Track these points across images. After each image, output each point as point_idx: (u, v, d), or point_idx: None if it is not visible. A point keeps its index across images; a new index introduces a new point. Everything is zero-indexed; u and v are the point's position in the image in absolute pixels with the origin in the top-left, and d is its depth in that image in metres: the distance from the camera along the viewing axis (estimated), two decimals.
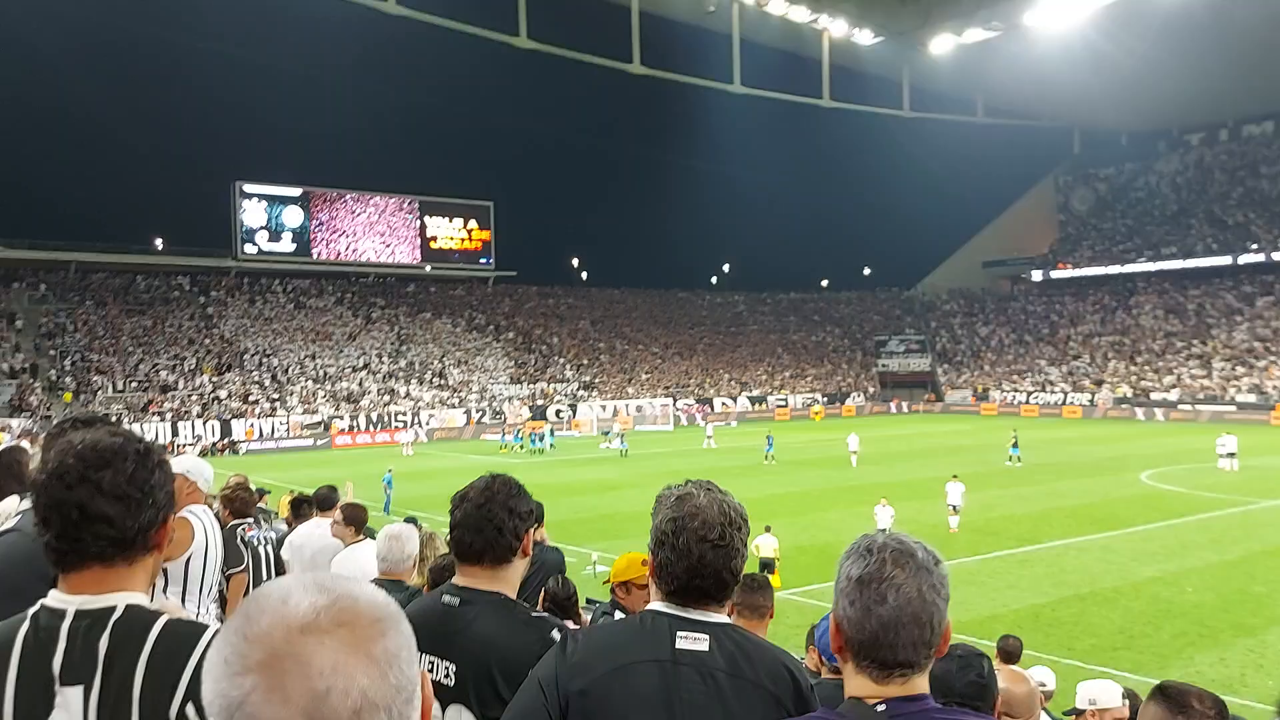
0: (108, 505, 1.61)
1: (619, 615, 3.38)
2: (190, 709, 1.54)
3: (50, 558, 1.65)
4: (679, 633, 1.95)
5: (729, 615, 4.09)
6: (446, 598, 2.43)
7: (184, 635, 1.61)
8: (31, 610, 1.63)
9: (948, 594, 1.61)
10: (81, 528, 1.60)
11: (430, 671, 2.38)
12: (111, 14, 74.09)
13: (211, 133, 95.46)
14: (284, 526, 9.77)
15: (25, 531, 2.75)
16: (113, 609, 1.61)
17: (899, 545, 1.62)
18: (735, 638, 2.00)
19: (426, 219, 70.78)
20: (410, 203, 70.29)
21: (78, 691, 1.54)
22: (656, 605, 2.03)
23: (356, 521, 6.35)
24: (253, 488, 8.02)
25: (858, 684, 1.60)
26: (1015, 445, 33.98)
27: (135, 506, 1.64)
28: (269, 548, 6.64)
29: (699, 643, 1.94)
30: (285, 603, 0.79)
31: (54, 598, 1.63)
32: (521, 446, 43.31)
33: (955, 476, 22.17)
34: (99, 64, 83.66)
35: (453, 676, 2.32)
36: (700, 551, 1.96)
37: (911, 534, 1.70)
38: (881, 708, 1.55)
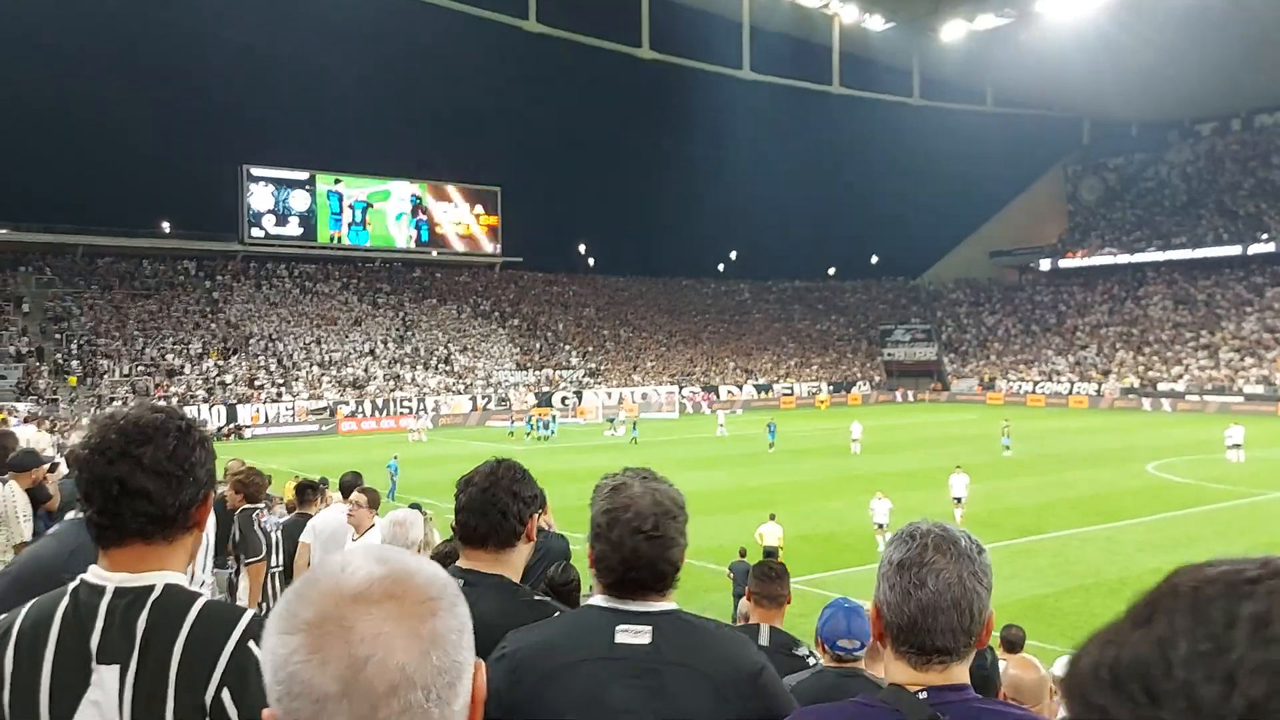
0: (148, 481, 1.61)
1: None
2: (225, 694, 1.54)
3: (92, 533, 1.66)
4: (618, 626, 1.91)
5: (747, 603, 4.10)
6: None
7: (222, 619, 1.61)
8: (71, 585, 1.63)
9: (990, 584, 1.60)
10: (121, 503, 1.61)
11: None
12: None
13: (218, 116, 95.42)
14: (285, 512, 9.83)
15: (60, 536, 2.80)
16: (152, 588, 1.61)
17: (942, 532, 1.62)
18: (681, 626, 1.95)
19: (433, 204, 70.81)
20: (417, 188, 70.30)
21: (114, 671, 1.55)
22: (596, 599, 2.00)
23: (376, 504, 6.70)
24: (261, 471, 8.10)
25: (897, 670, 1.60)
26: (1006, 435, 33.90)
27: (176, 483, 1.64)
28: (278, 533, 6.74)
29: (640, 635, 1.90)
30: (344, 570, 0.81)
31: (94, 574, 1.63)
32: (529, 434, 43.30)
33: (959, 467, 22.12)
34: (105, 47, 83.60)
35: None
36: (634, 544, 1.92)
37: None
38: (923, 695, 1.54)
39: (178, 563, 1.68)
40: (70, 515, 3.09)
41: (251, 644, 1.57)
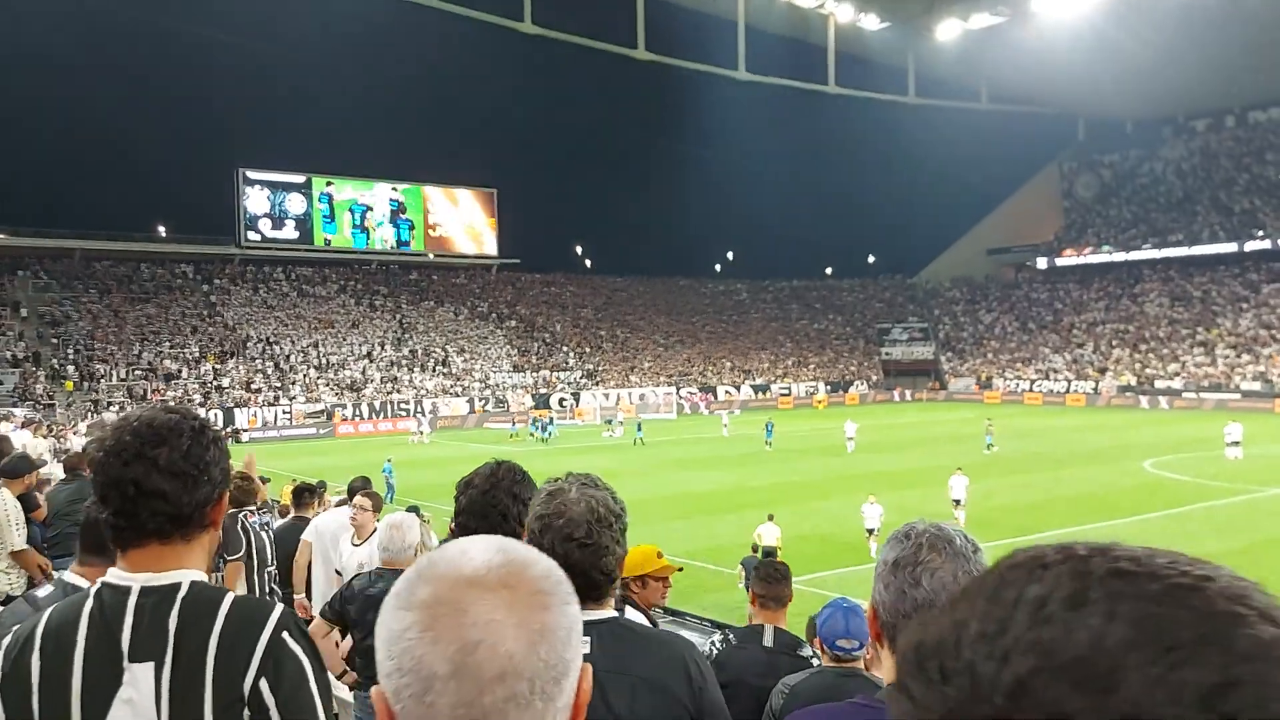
0: (164, 482, 1.64)
1: (629, 610, 3.35)
2: (263, 683, 1.58)
3: (109, 535, 1.69)
4: None
5: (752, 607, 4.07)
6: None
7: (254, 612, 1.65)
8: (93, 588, 1.66)
9: None
10: (138, 504, 1.63)
11: None
12: (113, 1, 73.97)
13: (215, 119, 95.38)
14: (278, 515, 9.82)
15: (39, 603, 2.82)
16: (178, 586, 1.64)
17: (937, 531, 1.63)
18: (621, 633, 1.96)
19: (430, 206, 70.75)
20: (413, 190, 70.24)
21: (148, 668, 1.57)
22: None
23: (379, 508, 6.72)
24: (256, 476, 8.10)
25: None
26: (990, 434, 33.74)
27: (191, 483, 1.66)
28: (266, 532, 6.73)
29: (583, 646, 1.90)
30: (464, 553, 0.82)
31: (115, 575, 1.66)
32: (532, 435, 43.06)
33: (959, 469, 21.84)
34: (102, 53, 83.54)
35: None
36: (565, 551, 1.92)
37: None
38: None
39: (198, 561, 1.70)
40: (59, 576, 3.09)
41: (285, 635, 1.62)
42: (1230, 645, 0.45)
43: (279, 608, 1.68)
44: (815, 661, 3.66)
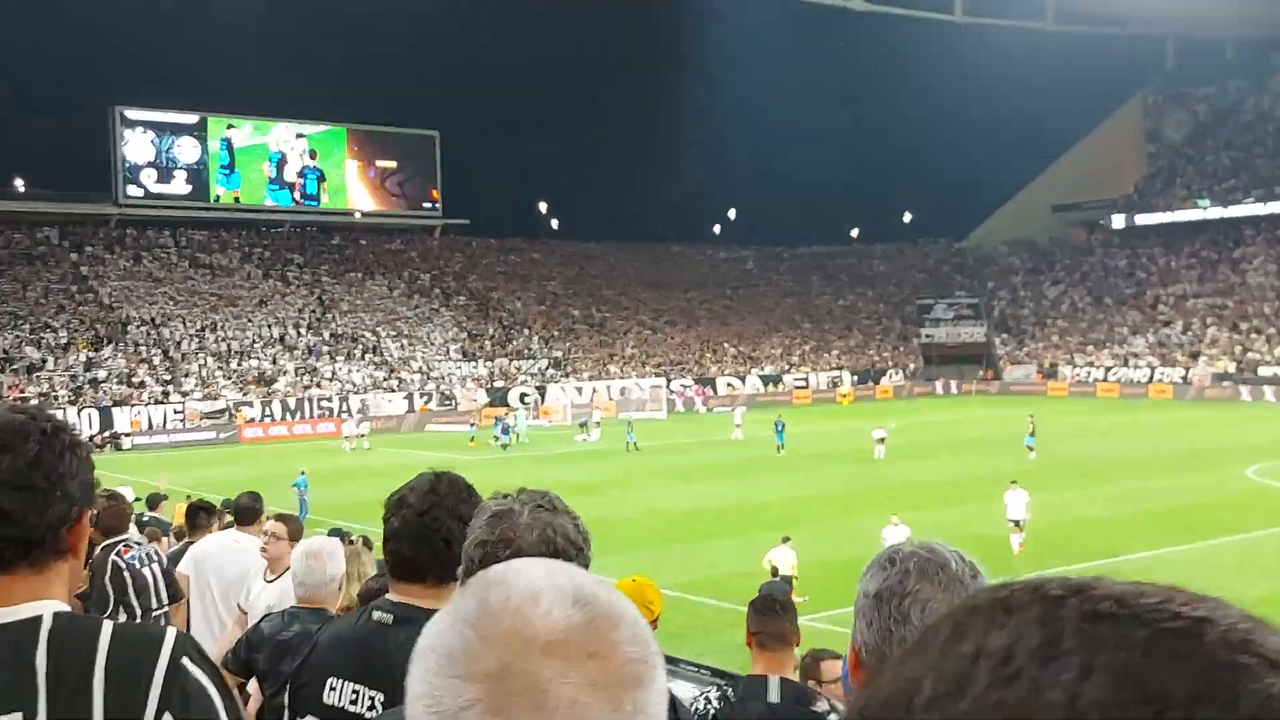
0: (5, 497, 1.62)
1: None
2: (167, 718, 1.57)
3: None
4: None
5: (750, 649, 4.08)
6: (378, 614, 2.46)
7: (143, 638, 1.67)
8: None
9: None
10: None
11: (353, 703, 2.42)
12: None
13: (86, 48, 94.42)
14: (174, 540, 9.78)
15: None
16: (39, 619, 1.62)
17: (928, 554, 1.64)
18: None
19: (355, 153, 70.45)
20: (335, 132, 69.92)
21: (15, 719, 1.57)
22: None
23: (298, 535, 6.47)
24: (129, 495, 8.01)
25: None
26: (1032, 434, 33.79)
27: (41, 498, 1.65)
28: (155, 566, 6.63)
29: None
30: (535, 604, 0.78)
31: None
32: (496, 439, 42.91)
33: (1015, 482, 21.38)
34: None
35: (379, 708, 2.33)
36: None
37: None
38: None
39: (56, 593, 1.69)
40: None
41: (186, 661, 1.63)
42: (1232, 702, 0.45)
43: (172, 630, 1.70)
44: (833, 717, 3.67)
